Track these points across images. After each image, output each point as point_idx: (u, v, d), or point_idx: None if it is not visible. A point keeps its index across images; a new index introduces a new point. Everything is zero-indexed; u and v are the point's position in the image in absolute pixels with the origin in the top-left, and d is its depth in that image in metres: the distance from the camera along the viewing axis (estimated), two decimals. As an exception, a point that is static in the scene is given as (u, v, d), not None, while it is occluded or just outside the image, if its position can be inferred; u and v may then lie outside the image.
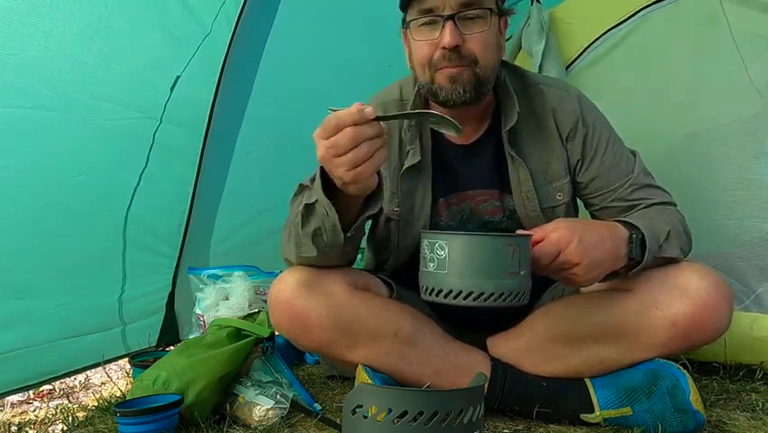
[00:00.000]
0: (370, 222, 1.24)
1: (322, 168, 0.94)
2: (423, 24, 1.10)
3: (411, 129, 1.21)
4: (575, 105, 1.20)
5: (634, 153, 1.24)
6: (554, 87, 1.24)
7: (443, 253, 0.90)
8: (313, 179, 1.01)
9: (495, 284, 0.89)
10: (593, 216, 1.27)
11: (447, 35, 1.06)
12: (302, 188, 1.11)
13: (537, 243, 0.98)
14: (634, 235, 1.04)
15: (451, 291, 0.90)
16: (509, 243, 0.90)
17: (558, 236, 0.98)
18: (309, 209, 1.02)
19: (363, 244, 1.37)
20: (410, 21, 1.12)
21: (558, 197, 1.20)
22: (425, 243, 0.94)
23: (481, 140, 1.23)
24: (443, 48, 1.08)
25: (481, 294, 0.89)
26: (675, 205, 1.21)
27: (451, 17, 1.06)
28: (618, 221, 1.08)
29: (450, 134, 1.02)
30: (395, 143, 1.22)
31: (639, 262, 1.04)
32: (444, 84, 1.11)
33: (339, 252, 1.07)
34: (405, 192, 1.22)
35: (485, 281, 0.89)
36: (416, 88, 1.22)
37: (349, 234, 1.02)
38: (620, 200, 1.19)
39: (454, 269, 0.90)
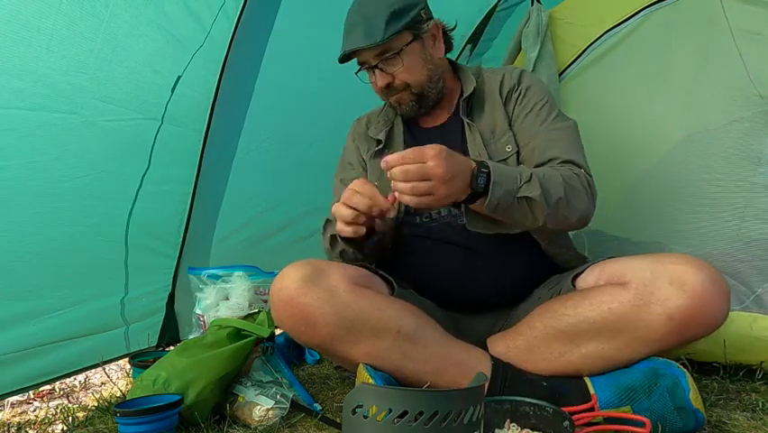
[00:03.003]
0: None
1: None
2: (363, 71, 1.37)
3: (379, 122, 1.47)
4: (516, 75, 1.40)
5: (566, 120, 1.35)
6: (503, 68, 1.46)
7: None
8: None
9: None
10: None
11: (378, 81, 1.34)
12: (327, 222, 1.38)
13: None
14: (482, 169, 1.11)
15: None
16: None
17: (434, 147, 1.06)
18: (334, 239, 1.32)
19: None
20: (357, 70, 1.38)
21: (507, 149, 1.34)
22: None
23: (450, 120, 1.43)
24: (380, 87, 1.35)
25: None
26: (580, 168, 1.27)
27: (374, 66, 1.32)
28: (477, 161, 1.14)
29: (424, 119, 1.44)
30: (370, 136, 1.48)
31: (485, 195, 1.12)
32: (397, 108, 1.40)
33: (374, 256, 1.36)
34: (379, 172, 1.35)
35: None
36: None
37: (366, 252, 1.31)
38: (535, 151, 1.30)
39: None
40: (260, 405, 1.25)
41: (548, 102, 1.36)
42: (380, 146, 1.43)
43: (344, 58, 1.34)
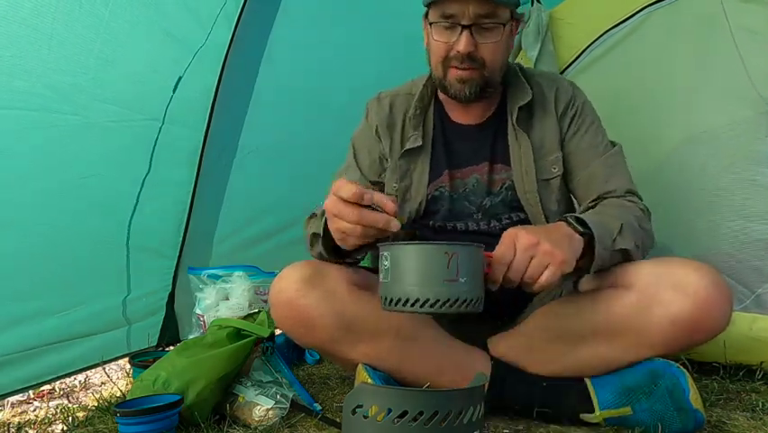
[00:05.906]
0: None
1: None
2: (443, 27, 1.19)
3: (416, 116, 1.32)
4: (569, 88, 1.33)
5: (614, 144, 1.30)
6: (553, 77, 1.38)
7: (387, 263, 0.92)
8: (322, 213, 1.10)
9: (432, 291, 0.88)
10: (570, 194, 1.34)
11: (462, 43, 1.17)
12: (312, 215, 1.25)
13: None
14: (584, 232, 1.05)
15: (392, 300, 0.91)
16: (444, 250, 0.89)
17: (507, 234, 0.99)
18: (315, 237, 1.17)
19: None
20: (432, 22, 1.21)
21: (553, 169, 1.27)
22: (380, 254, 0.96)
23: (488, 120, 1.32)
24: (458, 51, 1.18)
25: (417, 300, 0.89)
26: (638, 198, 1.24)
27: (468, 26, 1.16)
28: (566, 220, 1.09)
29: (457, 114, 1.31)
30: (398, 124, 1.34)
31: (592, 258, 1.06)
32: (454, 83, 1.23)
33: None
34: (403, 171, 1.31)
35: (421, 288, 0.89)
36: (428, 77, 1.33)
37: (348, 261, 1.17)
38: (589, 178, 1.26)
39: (395, 277, 0.91)
40: (260, 405, 1.25)
41: (598, 122, 1.31)
42: (417, 146, 1.30)
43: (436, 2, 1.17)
